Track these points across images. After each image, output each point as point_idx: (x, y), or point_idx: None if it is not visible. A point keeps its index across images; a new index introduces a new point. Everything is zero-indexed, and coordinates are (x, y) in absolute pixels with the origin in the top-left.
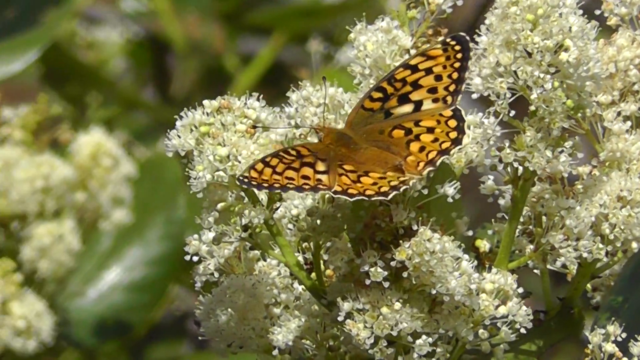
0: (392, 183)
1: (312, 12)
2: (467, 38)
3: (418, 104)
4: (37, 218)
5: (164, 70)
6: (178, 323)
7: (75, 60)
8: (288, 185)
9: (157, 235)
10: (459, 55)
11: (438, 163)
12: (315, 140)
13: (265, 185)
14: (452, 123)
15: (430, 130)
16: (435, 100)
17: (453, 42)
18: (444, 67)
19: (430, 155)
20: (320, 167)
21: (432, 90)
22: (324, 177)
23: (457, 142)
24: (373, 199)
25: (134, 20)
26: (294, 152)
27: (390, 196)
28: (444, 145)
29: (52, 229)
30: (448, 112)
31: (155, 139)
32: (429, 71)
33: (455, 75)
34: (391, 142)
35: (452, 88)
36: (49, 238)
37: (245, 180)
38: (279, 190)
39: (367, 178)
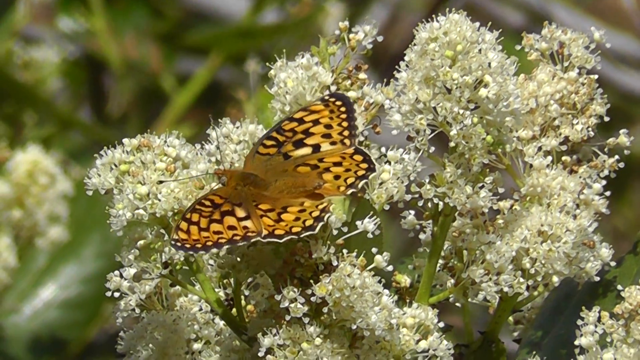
0: (314, 214)
1: (249, 33)
2: (347, 95)
3: (316, 147)
4: None
5: (100, 90)
6: (112, 341)
7: (12, 79)
8: (220, 241)
9: (92, 253)
10: (343, 109)
11: (360, 186)
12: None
13: (199, 245)
14: (358, 157)
15: (338, 164)
16: (332, 143)
17: (333, 99)
18: (331, 118)
19: (349, 180)
20: (240, 213)
21: (326, 136)
22: (249, 224)
23: (371, 169)
24: (302, 235)
25: (71, 39)
26: (208, 203)
27: (317, 229)
28: (360, 172)
29: None
30: (350, 150)
31: (91, 158)
32: (316, 122)
33: (345, 124)
34: (300, 175)
35: (346, 133)
36: None
37: (178, 244)
38: (214, 249)
39: (287, 214)
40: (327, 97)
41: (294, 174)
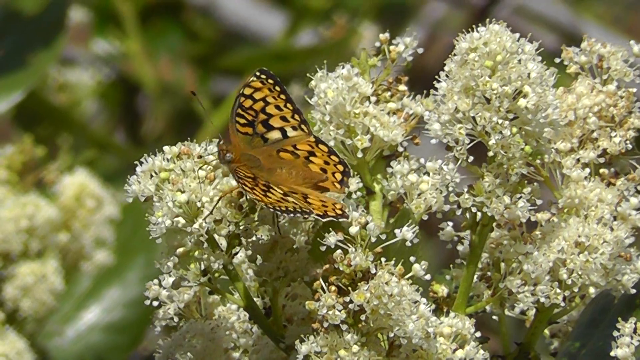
0: (337, 206)
1: (283, 56)
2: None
3: (283, 131)
4: (20, 257)
5: (135, 112)
6: None
7: (47, 102)
8: (289, 207)
9: (136, 277)
10: (278, 88)
11: (349, 184)
12: None
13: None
14: (323, 147)
15: (312, 153)
16: (294, 128)
17: (264, 76)
18: (274, 97)
19: (337, 177)
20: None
21: (283, 119)
22: (291, 199)
23: (343, 165)
24: (340, 219)
25: (106, 62)
26: (246, 175)
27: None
28: (340, 167)
29: (35, 269)
30: (312, 138)
31: (125, 181)
32: (265, 101)
33: (290, 106)
34: (288, 164)
35: (297, 117)
36: (32, 277)
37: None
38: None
39: (312, 199)
40: (258, 74)
41: (281, 162)
